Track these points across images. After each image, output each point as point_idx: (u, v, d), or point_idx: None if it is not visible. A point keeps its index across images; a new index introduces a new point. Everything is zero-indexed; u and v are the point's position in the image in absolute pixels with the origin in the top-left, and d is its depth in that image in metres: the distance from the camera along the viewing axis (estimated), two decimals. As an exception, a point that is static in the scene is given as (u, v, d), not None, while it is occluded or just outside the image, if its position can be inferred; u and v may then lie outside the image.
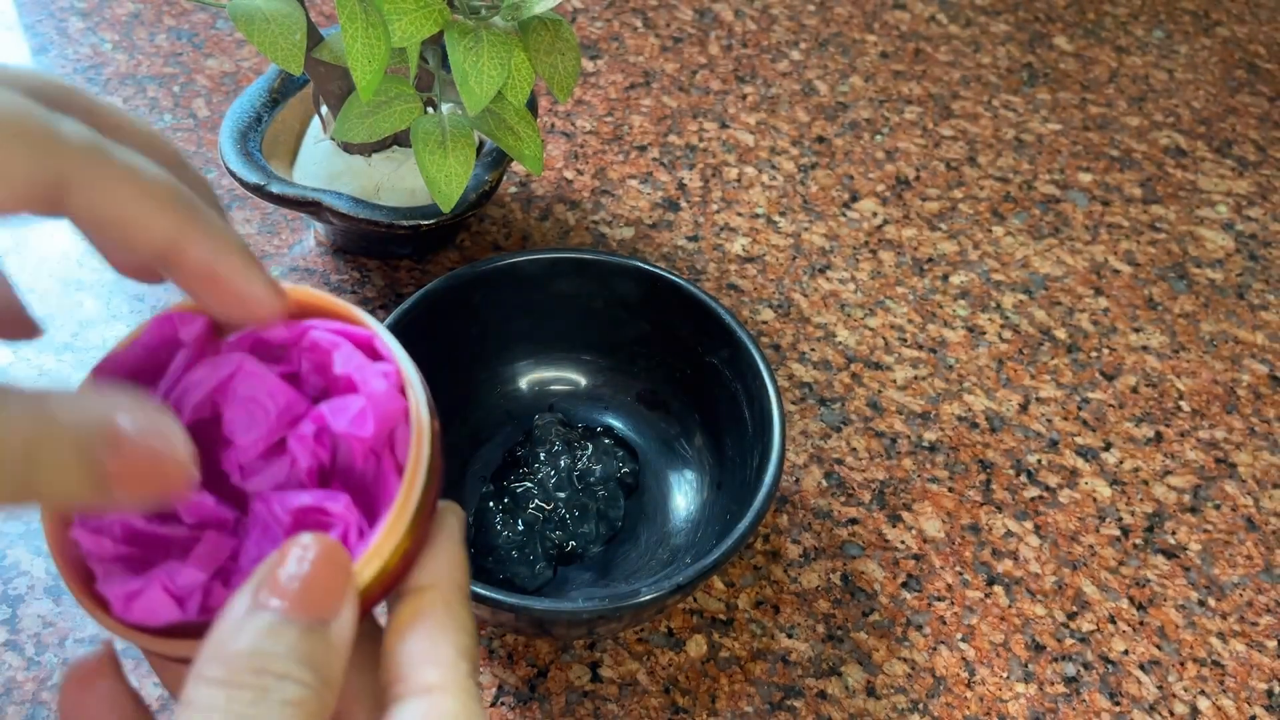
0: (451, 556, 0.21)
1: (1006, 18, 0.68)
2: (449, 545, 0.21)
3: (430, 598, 0.20)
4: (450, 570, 0.21)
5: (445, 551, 0.21)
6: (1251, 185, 0.59)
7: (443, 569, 0.21)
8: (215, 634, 0.17)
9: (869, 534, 0.43)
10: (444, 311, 0.40)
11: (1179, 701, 0.39)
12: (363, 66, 0.37)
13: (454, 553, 0.21)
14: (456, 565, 0.21)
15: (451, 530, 0.22)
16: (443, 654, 0.19)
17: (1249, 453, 0.47)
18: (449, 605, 0.20)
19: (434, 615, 0.20)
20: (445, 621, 0.20)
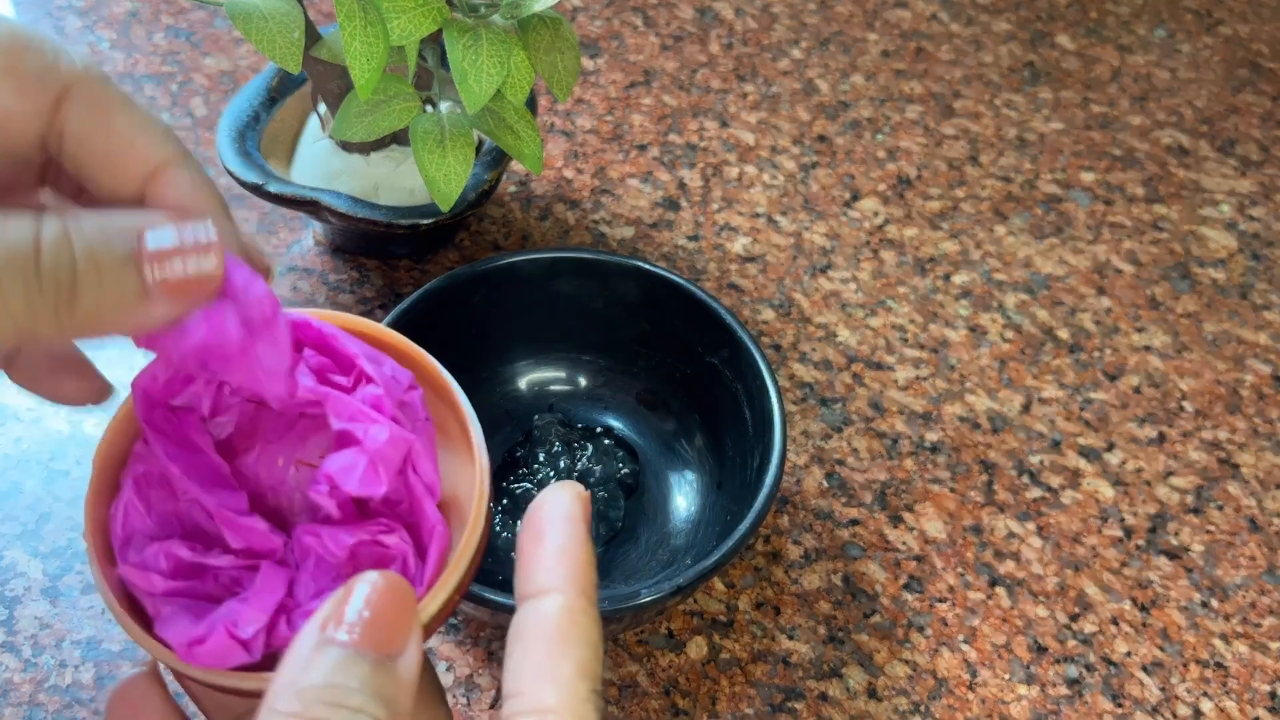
0: (577, 555, 0.19)
1: (1008, 16, 0.68)
2: (574, 542, 0.19)
3: (554, 604, 0.18)
4: (576, 572, 0.19)
5: (571, 550, 0.19)
6: (1254, 184, 0.59)
7: (568, 570, 0.19)
8: (286, 668, 0.17)
9: (870, 535, 0.42)
10: (443, 311, 0.40)
11: (1182, 703, 0.39)
12: (361, 65, 0.36)
13: (580, 551, 0.19)
14: (583, 566, 0.19)
15: (575, 521, 0.20)
16: (562, 672, 0.18)
17: (1252, 453, 0.47)
18: (573, 615, 0.18)
19: (557, 626, 0.18)
20: (569, 633, 0.18)
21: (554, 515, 0.20)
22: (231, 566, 0.21)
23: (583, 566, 0.19)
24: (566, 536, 0.19)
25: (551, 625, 0.18)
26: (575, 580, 0.19)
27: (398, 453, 0.21)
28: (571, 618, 0.18)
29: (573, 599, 0.19)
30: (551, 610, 0.18)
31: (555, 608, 0.18)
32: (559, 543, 0.19)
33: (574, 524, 0.19)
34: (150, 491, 0.21)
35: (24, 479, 0.41)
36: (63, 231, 0.17)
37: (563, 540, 0.19)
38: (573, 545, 0.19)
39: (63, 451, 0.42)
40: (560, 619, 0.18)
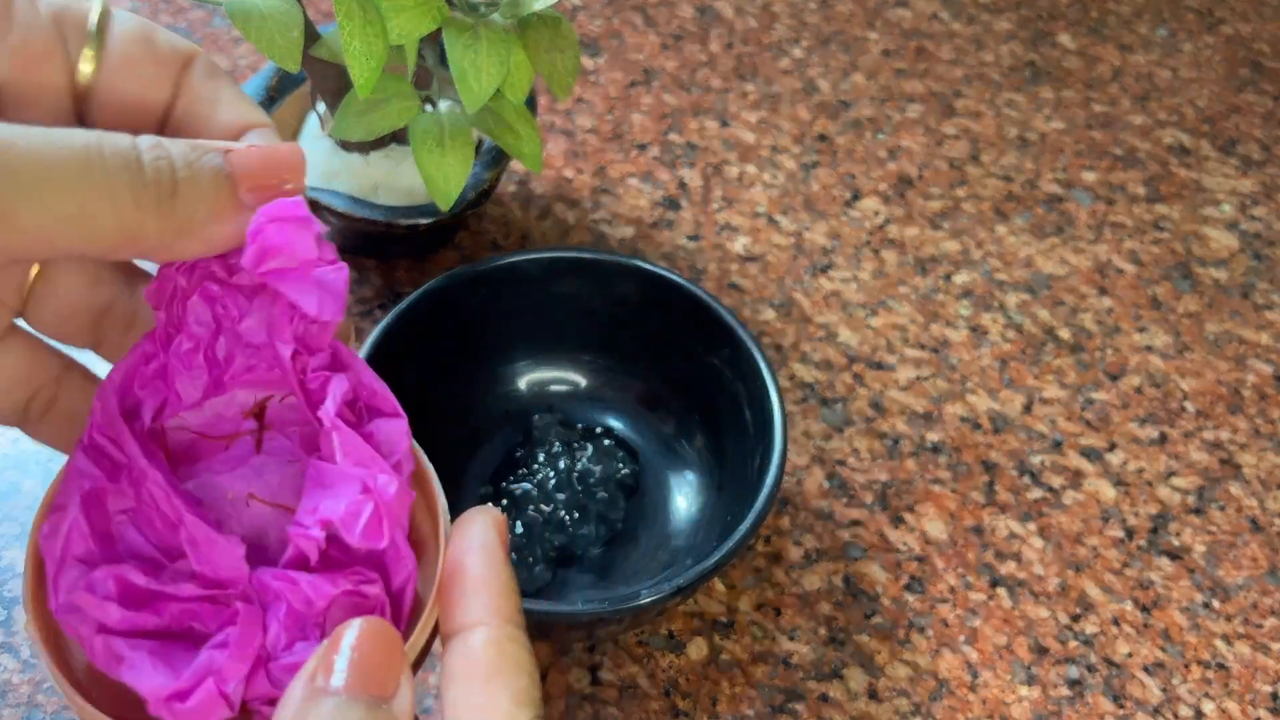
0: (494, 584, 0.19)
1: (1009, 15, 0.68)
2: (492, 570, 0.19)
3: (480, 638, 0.18)
4: (498, 601, 0.19)
5: (490, 579, 0.19)
6: (1256, 184, 0.59)
7: (488, 599, 0.19)
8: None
9: (871, 536, 0.42)
10: (443, 311, 0.40)
11: (1183, 704, 0.39)
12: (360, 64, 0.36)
13: (498, 579, 0.19)
14: (503, 594, 0.19)
15: (490, 549, 0.19)
16: (500, 705, 0.18)
17: (1254, 454, 0.47)
18: (501, 645, 0.18)
19: (487, 659, 0.18)
20: (500, 664, 0.18)
21: (469, 545, 0.20)
22: (192, 597, 0.19)
23: (504, 593, 0.19)
24: (483, 566, 0.19)
25: (481, 659, 0.18)
26: (498, 609, 0.19)
27: (403, 508, 0.20)
28: (500, 648, 0.18)
29: (497, 629, 0.19)
30: (479, 644, 0.18)
31: (482, 641, 0.18)
32: (477, 573, 0.19)
33: (489, 551, 0.19)
34: (94, 511, 0.20)
35: (22, 479, 0.41)
36: (160, 145, 0.19)
37: (480, 570, 0.19)
38: (490, 574, 0.19)
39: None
40: (489, 651, 0.18)
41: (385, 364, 0.37)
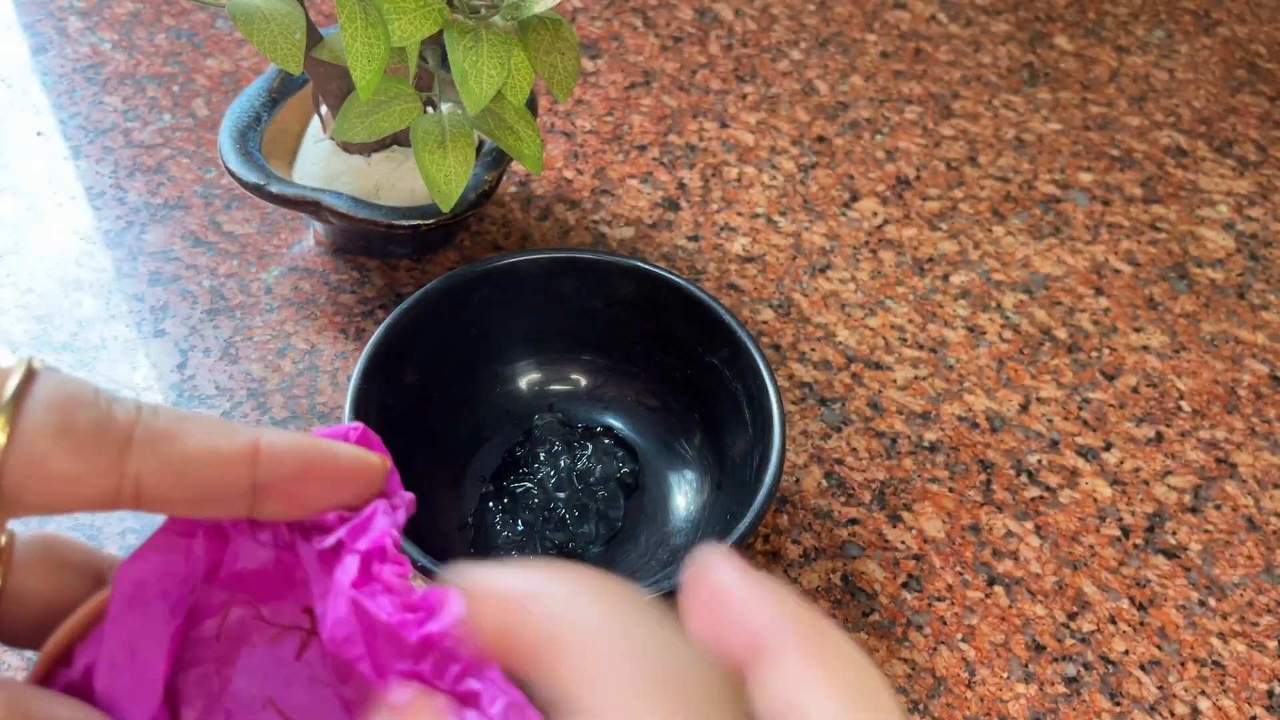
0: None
1: (1007, 17, 0.68)
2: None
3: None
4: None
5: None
6: (1252, 185, 0.59)
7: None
8: None
9: (869, 534, 0.42)
10: (444, 311, 0.40)
11: (1179, 702, 0.39)
12: (362, 66, 0.37)
13: None
14: None
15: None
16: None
17: (1249, 453, 0.47)
18: None
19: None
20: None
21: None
22: None
23: None
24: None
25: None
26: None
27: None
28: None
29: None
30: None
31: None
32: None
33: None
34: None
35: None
36: None
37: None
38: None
39: (65, 451, 0.42)
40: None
41: (386, 364, 0.38)
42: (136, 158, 0.53)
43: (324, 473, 0.19)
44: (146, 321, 0.46)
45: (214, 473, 0.18)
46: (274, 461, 0.19)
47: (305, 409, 0.44)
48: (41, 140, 0.53)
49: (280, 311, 0.47)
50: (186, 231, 0.50)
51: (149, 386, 0.44)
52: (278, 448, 0.19)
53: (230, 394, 0.44)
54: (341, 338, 0.47)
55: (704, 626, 0.18)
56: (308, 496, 0.19)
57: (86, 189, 0.51)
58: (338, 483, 0.19)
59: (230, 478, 0.18)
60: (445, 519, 0.39)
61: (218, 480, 0.18)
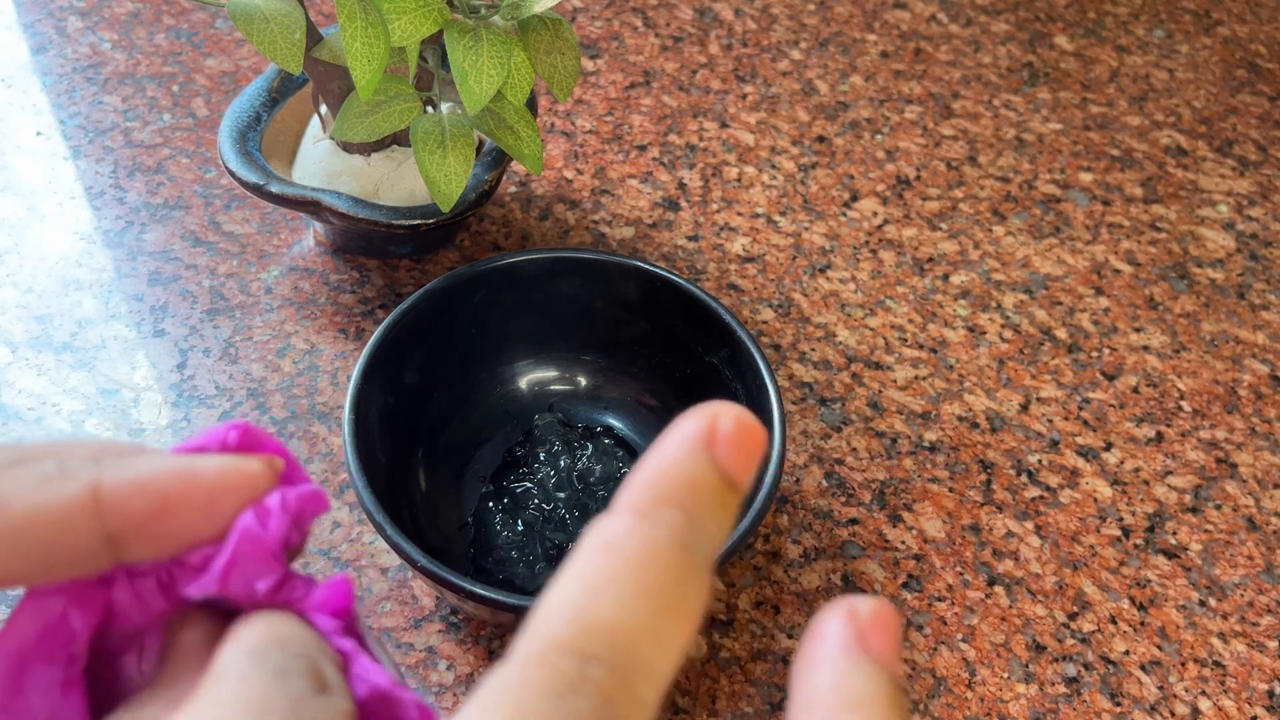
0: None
1: (1007, 17, 0.68)
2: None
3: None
4: None
5: None
6: (1252, 185, 0.59)
7: None
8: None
9: (869, 534, 0.42)
10: (444, 311, 0.40)
11: (1180, 702, 0.39)
12: (362, 66, 0.37)
13: None
14: None
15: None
16: None
17: (1250, 453, 0.47)
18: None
19: None
20: None
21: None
22: None
23: None
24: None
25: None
26: None
27: None
28: None
29: None
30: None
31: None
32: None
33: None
34: None
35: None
36: None
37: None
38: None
39: (64, 451, 0.42)
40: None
41: (386, 364, 0.38)
42: (136, 157, 0.53)
43: (186, 500, 0.17)
44: (146, 321, 0.46)
45: (52, 536, 0.16)
46: (120, 505, 0.16)
47: (305, 409, 0.44)
48: (41, 140, 0.53)
49: (280, 311, 0.47)
50: (186, 231, 0.50)
51: (149, 386, 0.44)
52: (122, 488, 0.16)
53: (230, 394, 0.44)
54: (341, 338, 0.47)
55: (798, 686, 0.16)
56: (175, 531, 0.17)
57: (86, 189, 0.51)
58: (208, 508, 0.17)
59: (73, 537, 0.16)
60: (445, 519, 0.39)
61: (60, 543, 0.16)
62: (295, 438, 0.43)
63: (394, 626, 0.38)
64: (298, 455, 0.42)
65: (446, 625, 0.38)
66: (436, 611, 0.39)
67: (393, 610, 0.39)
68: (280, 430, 0.43)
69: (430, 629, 0.38)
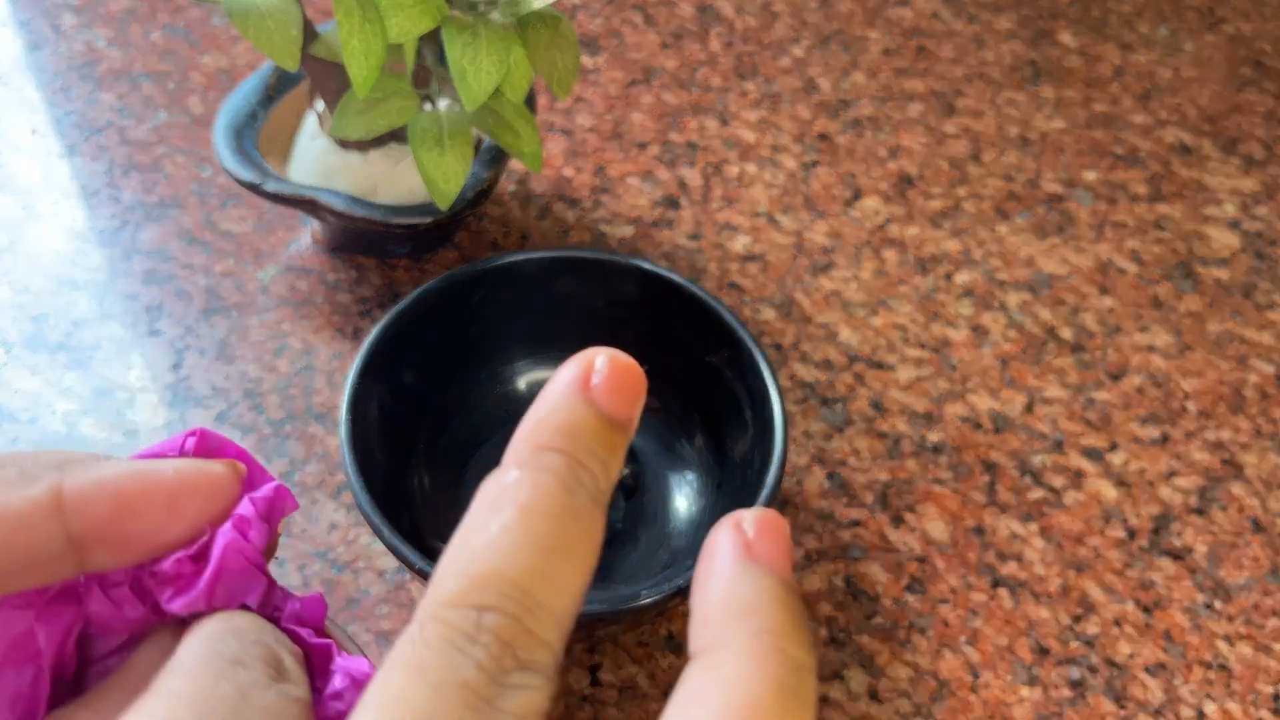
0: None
1: (1010, 14, 0.68)
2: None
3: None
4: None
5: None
6: (1258, 183, 0.59)
7: None
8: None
9: (872, 536, 0.42)
10: (442, 311, 0.39)
11: (1185, 705, 0.38)
12: (359, 63, 0.36)
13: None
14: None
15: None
16: None
17: (1256, 454, 0.47)
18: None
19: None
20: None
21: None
22: None
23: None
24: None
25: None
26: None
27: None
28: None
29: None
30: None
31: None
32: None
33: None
34: None
35: (20, 480, 0.41)
36: None
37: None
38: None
39: (59, 452, 0.41)
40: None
41: (384, 364, 0.37)
42: (131, 156, 0.53)
43: (148, 500, 0.17)
44: (141, 321, 0.46)
45: (11, 538, 0.16)
46: (82, 505, 0.16)
47: (302, 409, 0.44)
48: (36, 138, 0.53)
49: (277, 311, 0.47)
50: (182, 230, 0.50)
51: (144, 386, 0.44)
52: (84, 490, 0.16)
53: (226, 394, 0.44)
54: (339, 337, 0.46)
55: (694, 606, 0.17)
56: (139, 533, 0.17)
57: (81, 187, 0.51)
58: (170, 509, 0.17)
59: (35, 539, 0.16)
60: (445, 520, 0.39)
61: (21, 546, 0.16)
62: (291, 438, 0.43)
63: (391, 629, 0.38)
64: (294, 456, 0.42)
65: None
66: (434, 614, 0.38)
67: (390, 613, 0.38)
68: (277, 430, 0.43)
69: (428, 632, 0.38)
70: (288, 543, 0.39)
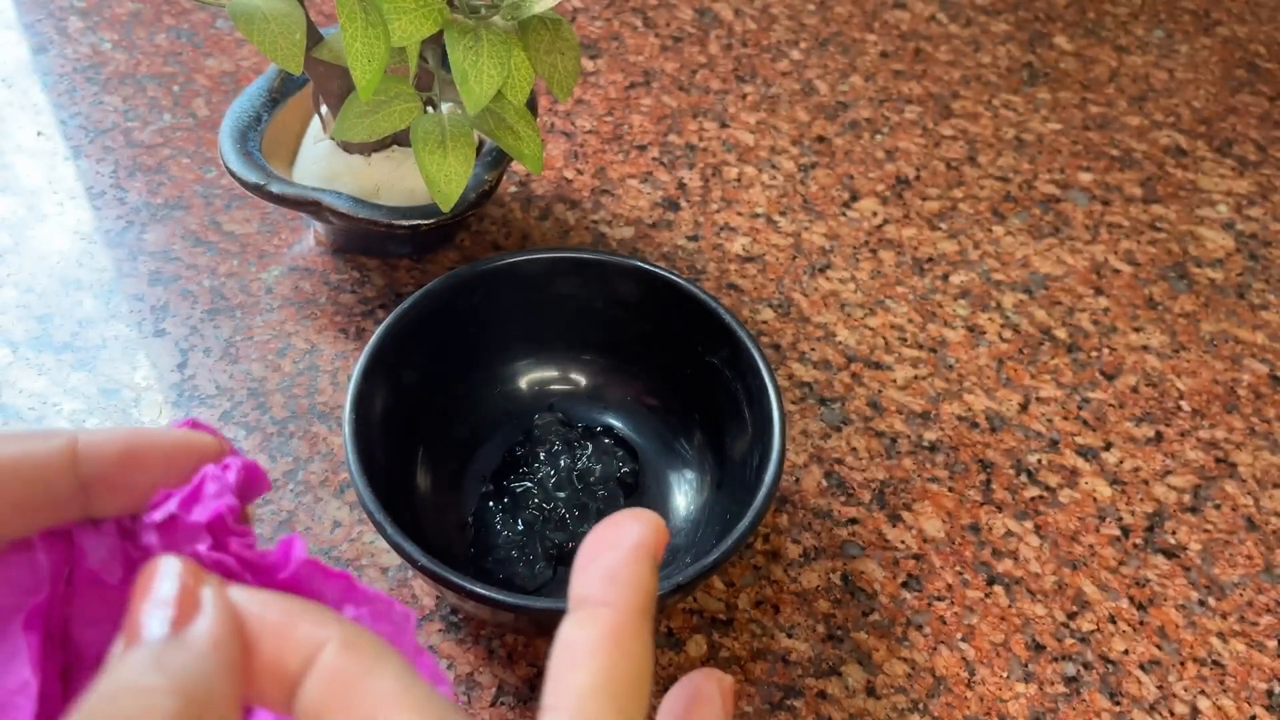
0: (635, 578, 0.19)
1: (1007, 17, 0.68)
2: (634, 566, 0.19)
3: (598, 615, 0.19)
4: (631, 591, 0.19)
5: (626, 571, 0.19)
6: (1252, 185, 0.59)
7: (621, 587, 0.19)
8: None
9: (869, 534, 0.42)
10: (444, 311, 0.40)
11: (1179, 701, 0.39)
12: (362, 66, 0.37)
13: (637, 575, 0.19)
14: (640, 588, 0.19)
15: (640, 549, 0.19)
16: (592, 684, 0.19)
17: (1249, 452, 0.47)
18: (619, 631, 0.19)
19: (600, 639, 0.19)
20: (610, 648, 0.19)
21: (619, 541, 0.19)
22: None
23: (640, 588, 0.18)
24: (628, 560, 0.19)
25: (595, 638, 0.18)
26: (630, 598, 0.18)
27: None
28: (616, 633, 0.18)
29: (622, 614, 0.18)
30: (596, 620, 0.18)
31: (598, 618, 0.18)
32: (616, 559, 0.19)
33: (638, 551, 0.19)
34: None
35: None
36: None
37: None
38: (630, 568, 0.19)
39: (65, 451, 0.42)
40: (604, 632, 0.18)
41: (387, 364, 0.38)
42: (137, 157, 0.53)
43: (149, 455, 0.19)
44: (147, 321, 0.47)
45: (35, 478, 0.18)
46: (94, 454, 0.19)
47: (305, 409, 0.44)
48: (42, 140, 0.53)
49: (280, 311, 0.47)
50: (187, 231, 0.50)
51: (149, 386, 0.44)
52: (96, 439, 0.19)
53: (230, 394, 0.44)
54: (342, 337, 0.47)
55: None
56: (137, 482, 0.19)
57: (87, 189, 0.51)
58: (167, 463, 0.19)
59: (52, 480, 0.18)
60: (445, 519, 0.39)
61: (41, 485, 0.18)
62: (295, 437, 0.43)
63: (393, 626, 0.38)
64: (298, 455, 0.43)
65: (446, 625, 0.38)
66: (437, 611, 0.39)
67: (393, 610, 0.39)
68: (281, 430, 0.43)
69: (430, 629, 0.38)
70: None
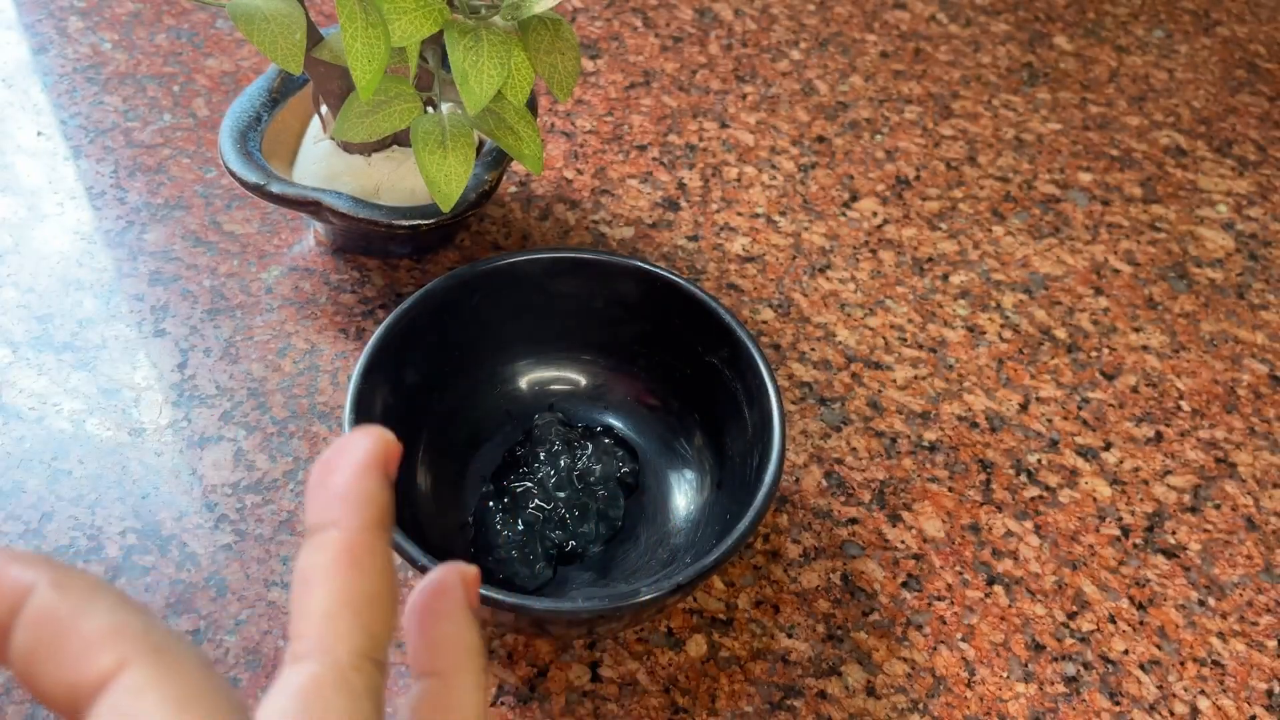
0: (363, 492, 0.19)
1: (1006, 17, 0.68)
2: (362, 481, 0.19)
3: (329, 538, 0.18)
4: (359, 506, 0.19)
5: (356, 488, 0.19)
6: (1251, 185, 0.59)
7: (350, 504, 0.19)
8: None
9: (869, 534, 0.43)
10: (444, 311, 0.40)
11: (1179, 701, 0.39)
12: (362, 66, 0.37)
13: (365, 489, 0.19)
14: (369, 500, 0.19)
15: (367, 467, 0.19)
16: (331, 605, 0.18)
17: (1249, 452, 0.47)
18: (352, 548, 0.19)
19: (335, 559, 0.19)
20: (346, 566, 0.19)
21: (343, 462, 0.19)
22: None
23: (369, 500, 0.19)
24: (352, 476, 0.19)
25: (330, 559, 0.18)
26: (358, 513, 0.18)
27: None
28: (350, 551, 0.18)
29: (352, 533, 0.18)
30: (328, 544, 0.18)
31: (331, 540, 0.18)
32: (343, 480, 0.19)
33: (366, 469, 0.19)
34: None
35: (27, 478, 0.41)
36: None
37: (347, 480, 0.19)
38: (358, 484, 0.19)
39: (65, 451, 0.42)
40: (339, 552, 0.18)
41: (387, 363, 0.38)
42: (137, 158, 0.53)
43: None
44: (147, 321, 0.47)
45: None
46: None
47: (305, 409, 0.44)
48: (42, 140, 0.53)
49: (281, 311, 0.47)
50: (187, 231, 0.50)
51: (149, 386, 0.44)
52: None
53: (231, 393, 0.44)
54: (342, 337, 0.47)
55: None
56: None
57: (87, 189, 0.51)
58: None
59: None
60: (445, 519, 0.39)
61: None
62: (295, 437, 0.43)
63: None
64: (298, 455, 0.43)
65: (447, 624, 0.38)
66: (437, 611, 0.39)
67: (393, 610, 0.39)
68: (281, 430, 0.43)
69: (430, 628, 0.38)
70: (292, 539, 0.40)
